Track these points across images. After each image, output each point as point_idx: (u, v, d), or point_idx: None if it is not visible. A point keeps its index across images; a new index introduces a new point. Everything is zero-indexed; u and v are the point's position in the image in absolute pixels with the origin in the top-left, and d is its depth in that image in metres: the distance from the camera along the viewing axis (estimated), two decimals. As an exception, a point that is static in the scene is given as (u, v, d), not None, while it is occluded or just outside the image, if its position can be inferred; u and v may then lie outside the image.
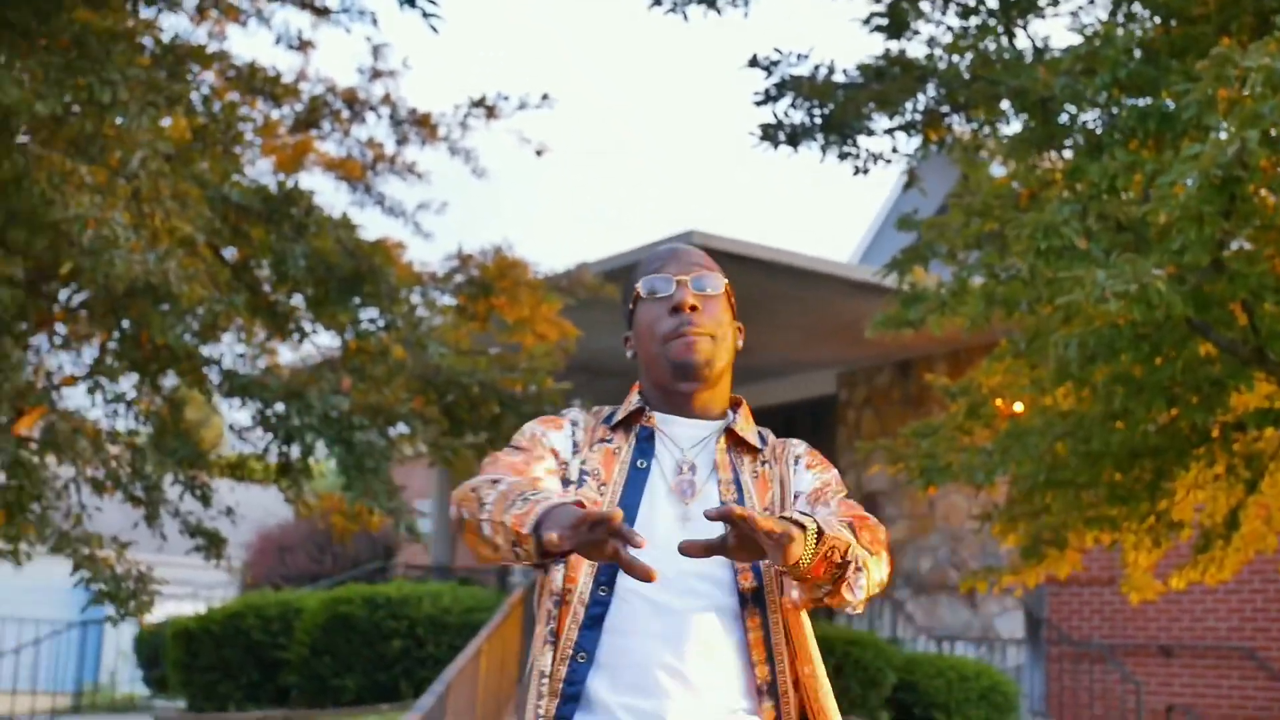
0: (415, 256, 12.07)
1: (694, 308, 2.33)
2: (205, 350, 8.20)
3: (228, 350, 8.67)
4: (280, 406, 7.50)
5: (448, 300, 9.81)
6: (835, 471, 2.42)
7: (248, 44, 60.10)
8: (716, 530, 2.16)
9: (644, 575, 1.95)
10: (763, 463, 2.38)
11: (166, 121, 8.64)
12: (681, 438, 2.37)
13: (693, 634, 2.21)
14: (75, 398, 9.08)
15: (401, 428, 8.81)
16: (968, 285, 6.54)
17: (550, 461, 2.33)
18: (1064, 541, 7.16)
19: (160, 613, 18.26)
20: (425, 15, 7.02)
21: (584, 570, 2.24)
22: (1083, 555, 7.90)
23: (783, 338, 13.75)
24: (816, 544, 2.07)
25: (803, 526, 2.06)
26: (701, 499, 2.29)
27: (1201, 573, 7.55)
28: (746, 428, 2.42)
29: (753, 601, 2.25)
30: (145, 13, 8.28)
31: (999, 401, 7.81)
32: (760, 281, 12.11)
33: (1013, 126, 6.97)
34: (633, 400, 2.42)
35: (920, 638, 13.35)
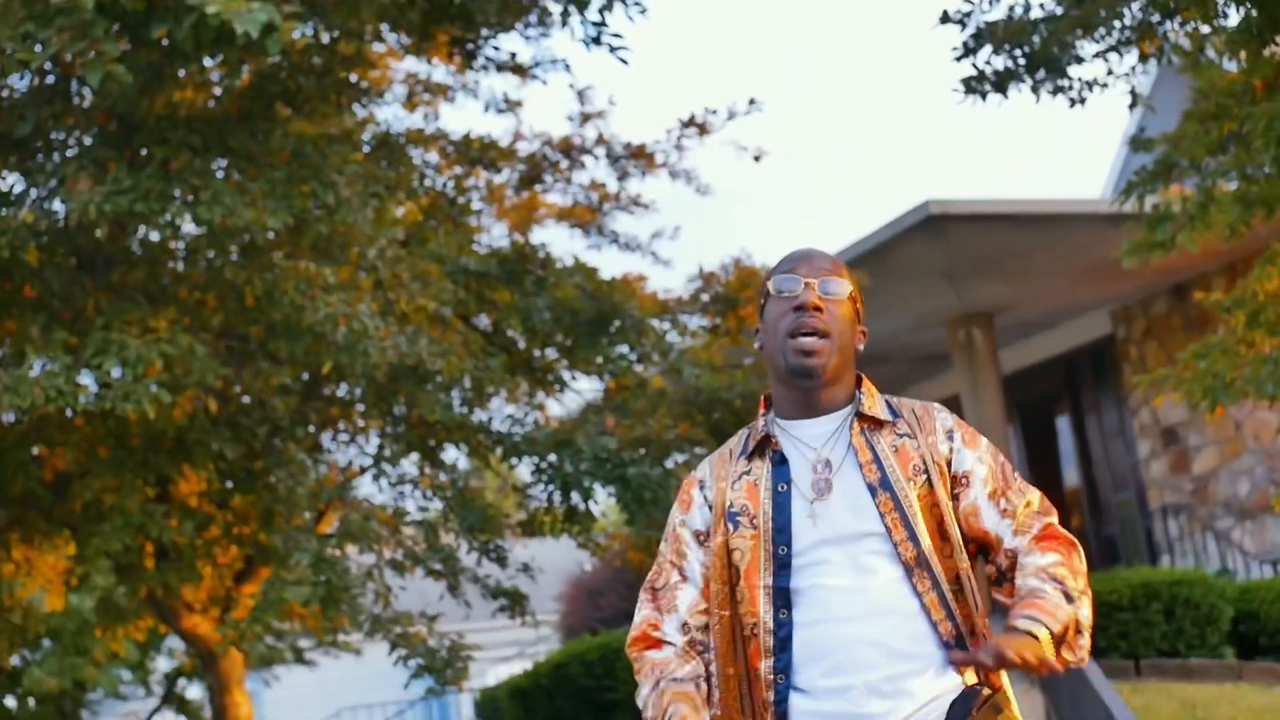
0: (659, 285, 12.17)
1: (817, 308, 2.46)
2: (476, 417, 8.43)
3: (498, 414, 8.91)
4: (552, 457, 7.66)
5: (697, 321, 9.86)
6: (990, 447, 2.53)
7: (460, 118, 61.84)
8: (851, 516, 2.41)
9: None
10: (900, 435, 2.48)
11: (400, 211, 8.98)
12: (812, 438, 2.49)
13: (876, 607, 2.37)
14: (363, 487, 9.49)
15: (676, 457, 8.89)
16: (1213, 194, 6.23)
17: (692, 561, 2.53)
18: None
19: (492, 676, 18.85)
20: (613, 50, 7.10)
21: (759, 605, 2.43)
22: None
23: (1046, 286, 13.34)
24: (1054, 645, 2.28)
25: (1036, 636, 2.26)
26: (840, 489, 2.43)
27: None
28: (873, 403, 2.52)
29: (919, 566, 2.39)
30: (360, 112, 8.63)
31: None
32: (1010, 236, 11.80)
33: (1231, 20, 6.62)
34: (759, 425, 2.55)
35: (1254, 564, 12.73)
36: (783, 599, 2.40)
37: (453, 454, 8.72)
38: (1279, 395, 6.28)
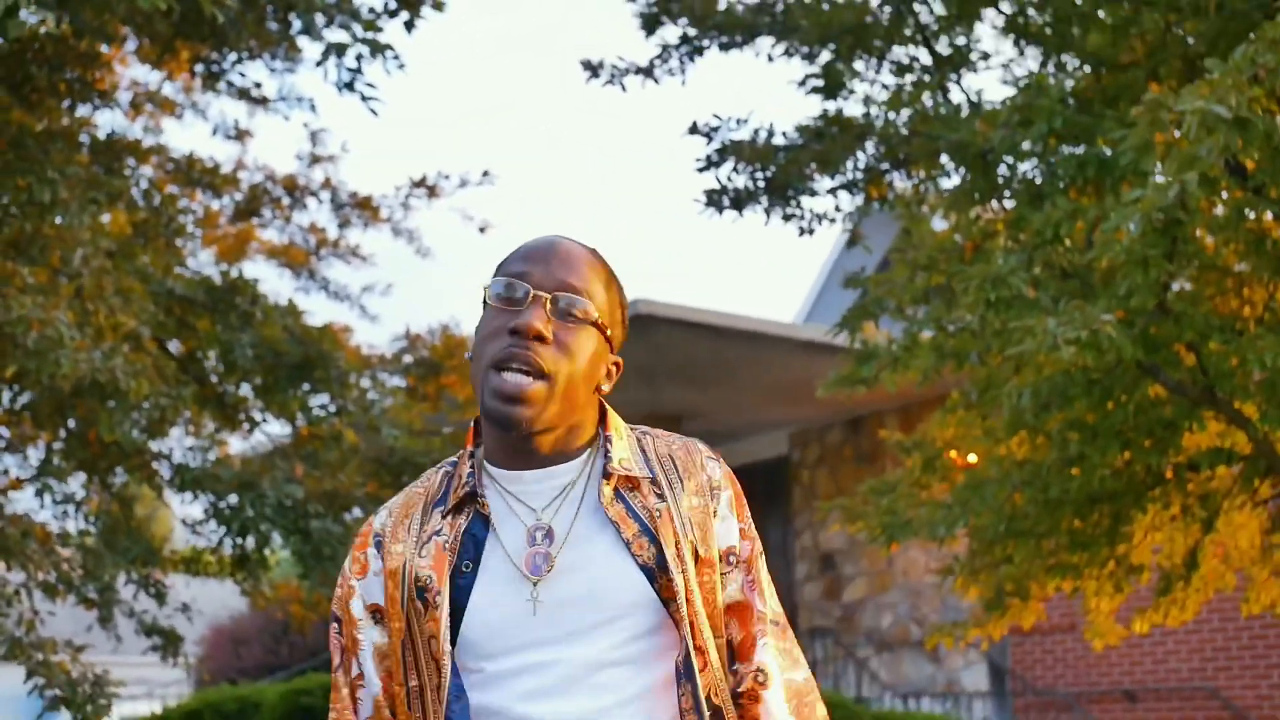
0: (363, 339, 12.02)
1: (540, 336, 1.80)
2: (154, 445, 8.09)
3: (177, 444, 8.58)
4: (233, 498, 7.41)
5: (398, 382, 9.76)
6: (752, 526, 1.99)
7: (184, 136, 60.00)
8: (602, 604, 1.79)
9: None
10: (658, 495, 1.86)
11: (106, 218, 8.60)
12: (530, 495, 1.86)
13: None
14: (23, 501, 8.96)
15: (358, 512, 8.73)
16: (918, 340, 6.58)
17: (366, 648, 1.89)
18: (1026, 592, 7.16)
19: (116, 715, 17.92)
20: (364, 99, 7.02)
21: (444, 712, 1.80)
22: (1044, 604, 7.91)
23: (735, 400, 13.78)
24: None
25: None
26: (575, 570, 1.81)
27: (1163, 615, 7.58)
28: (626, 457, 1.89)
29: (684, 676, 1.80)
30: (81, 110, 8.26)
31: (953, 454, 7.84)
32: (711, 346, 12.16)
33: (952, 180, 7.04)
34: (463, 471, 1.90)
35: (885, 695, 13.31)
36: (464, 715, 1.78)
37: (123, 478, 8.33)
38: (948, 538, 6.63)
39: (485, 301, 1.88)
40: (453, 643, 1.77)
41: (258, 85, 8.42)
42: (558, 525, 1.82)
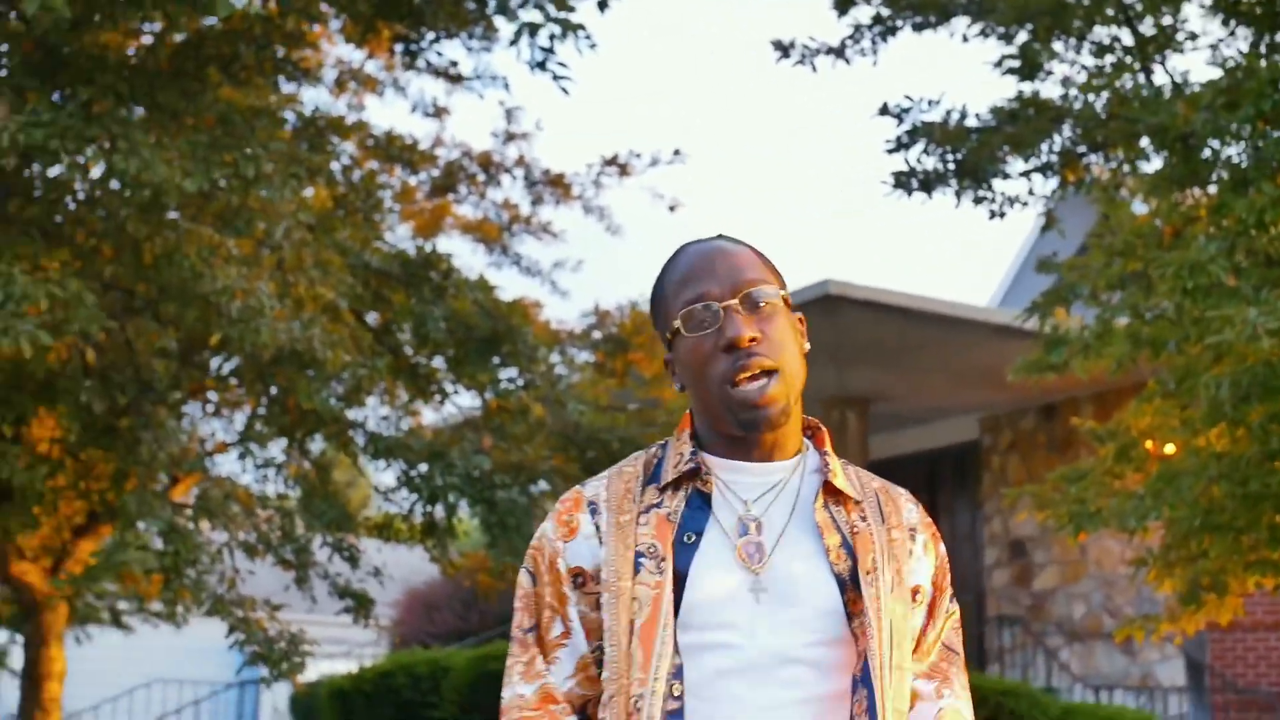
0: (552, 315, 12.20)
1: (754, 339, 1.89)
2: (350, 414, 8.35)
3: (372, 413, 8.83)
4: (424, 467, 7.60)
5: (586, 357, 9.89)
6: (945, 558, 2.07)
7: (385, 113, 61.43)
8: (801, 602, 1.87)
9: None
10: (861, 518, 1.94)
11: (309, 192, 8.88)
12: (745, 487, 1.93)
13: None
14: (227, 464, 9.32)
15: (543, 485, 8.88)
16: (1111, 327, 6.41)
17: (571, 609, 1.93)
18: (1224, 587, 6.94)
19: (314, 671, 18.56)
20: (556, 78, 7.11)
21: (651, 671, 1.84)
22: (1244, 600, 7.65)
23: (925, 384, 13.60)
24: None
25: None
26: (784, 566, 1.89)
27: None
28: (839, 475, 1.98)
29: (861, 683, 1.86)
30: (286, 88, 8.53)
31: (1149, 444, 7.63)
32: (901, 329, 12.02)
33: (1153, 164, 6.84)
34: (684, 452, 1.96)
35: (1076, 686, 13.03)
36: (678, 676, 1.85)
37: (320, 445, 8.62)
38: (1139, 529, 6.47)
39: (670, 333, 1.96)
40: (675, 609, 1.85)
41: (454, 64, 8.60)
42: (767, 520, 1.90)
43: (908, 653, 1.94)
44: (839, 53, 7.13)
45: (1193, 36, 6.71)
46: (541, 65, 7.11)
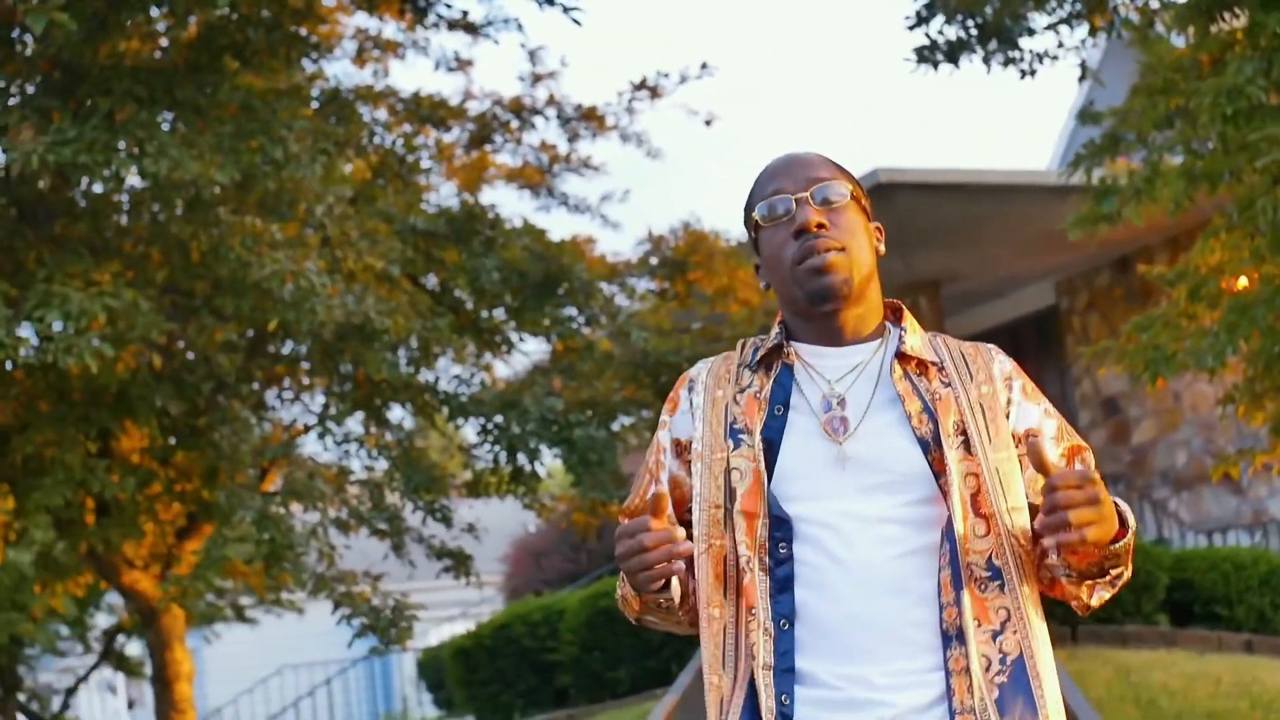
0: (607, 248, 12.18)
1: (821, 225, 2.08)
2: (423, 377, 8.41)
3: (444, 374, 8.89)
4: (499, 418, 7.64)
5: (645, 285, 9.87)
6: (1049, 402, 2.18)
7: (411, 76, 61.43)
8: (886, 469, 2.01)
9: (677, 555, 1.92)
10: (944, 383, 2.08)
11: (349, 168, 8.91)
12: (829, 369, 2.11)
13: (883, 585, 1.99)
14: (312, 446, 9.43)
15: (625, 419, 8.91)
16: (1160, 168, 6.27)
17: (666, 474, 2.17)
18: (1314, 410, 6.81)
19: (434, 637, 18.84)
20: (566, 10, 7.06)
21: (757, 536, 2.03)
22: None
23: (993, 257, 13.45)
24: (1116, 547, 1.98)
25: (1124, 516, 2.00)
26: (868, 436, 2.04)
27: None
28: (916, 341, 2.13)
29: (946, 538, 2.00)
30: (309, 67, 8.54)
31: (1222, 281, 7.48)
32: (959, 206, 11.88)
33: (1179, -6, 6.66)
34: (773, 334, 2.17)
35: (1188, 534, 12.92)
36: (781, 532, 2.02)
37: (398, 414, 8.69)
38: (1218, 368, 6.35)
39: (756, 226, 2.17)
40: (769, 474, 2.03)
41: (465, 14, 8.53)
42: (851, 397, 2.07)
43: (1020, 496, 2.04)
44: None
45: None
46: (549, 0, 7.07)
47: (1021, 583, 2.02)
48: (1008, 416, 2.09)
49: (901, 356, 2.10)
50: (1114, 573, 2.05)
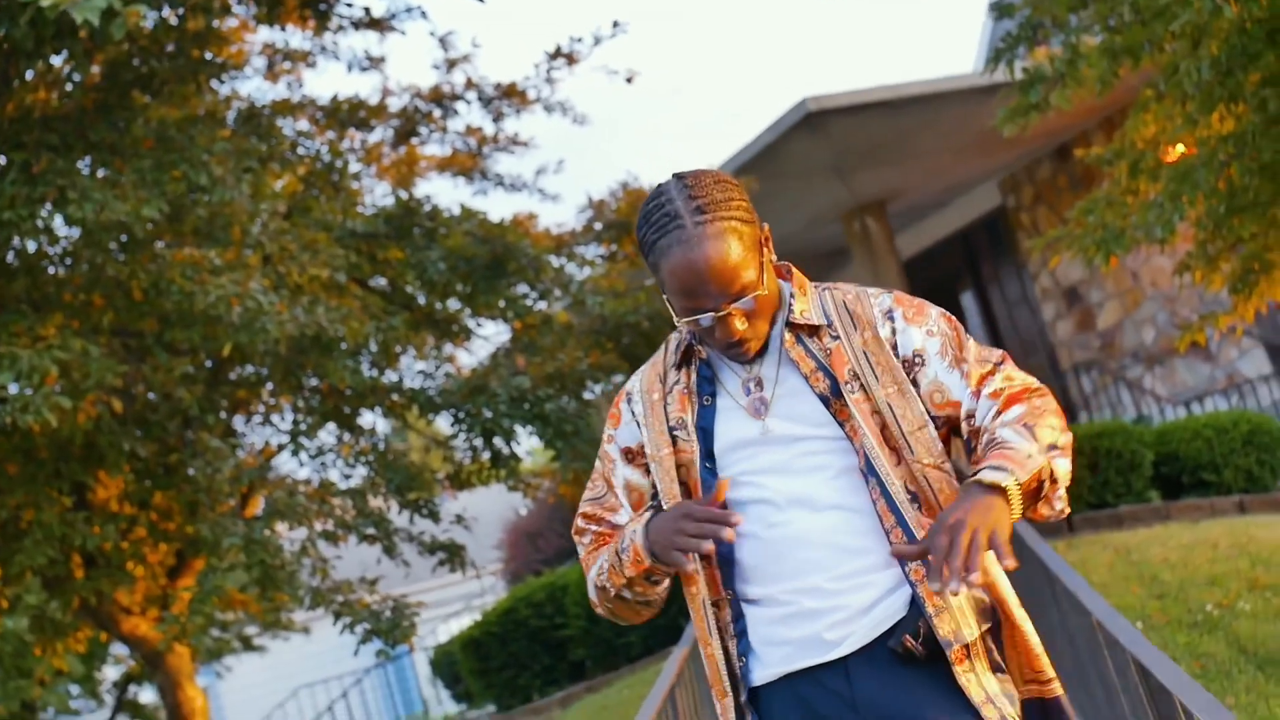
0: (550, 220, 12.10)
1: (743, 330, 2.21)
2: (387, 378, 8.36)
3: (408, 372, 8.85)
4: (469, 405, 7.61)
5: (594, 251, 9.83)
6: (941, 315, 2.28)
7: (327, 82, 61.00)
8: (800, 431, 2.23)
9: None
10: (833, 338, 2.25)
11: (280, 184, 8.83)
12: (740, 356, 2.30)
13: (821, 504, 2.21)
14: (287, 464, 9.37)
15: (595, 386, 8.88)
16: (1080, 49, 6.27)
17: (618, 479, 2.39)
18: (1269, 264, 6.84)
19: (444, 633, 18.82)
20: (466, -11, 7.00)
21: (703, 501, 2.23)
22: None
23: (932, 168, 13.45)
24: (1024, 498, 2.04)
25: (1002, 487, 2.01)
26: (782, 407, 2.25)
27: None
28: (805, 308, 2.29)
29: (869, 474, 2.19)
30: (222, 90, 8.45)
31: (1159, 151, 7.49)
32: (891, 122, 11.86)
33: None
34: (683, 333, 2.34)
35: (1167, 407, 13.01)
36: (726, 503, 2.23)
37: (369, 419, 8.66)
38: (1168, 238, 6.37)
39: (666, 295, 2.25)
40: (708, 459, 2.27)
41: (367, 10, 8.45)
42: (765, 375, 2.27)
43: (918, 417, 2.21)
44: None
45: None
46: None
47: (937, 504, 2.17)
48: (895, 348, 2.24)
49: (791, 325, 2.28)
50: (1047, 491, 2.10)
